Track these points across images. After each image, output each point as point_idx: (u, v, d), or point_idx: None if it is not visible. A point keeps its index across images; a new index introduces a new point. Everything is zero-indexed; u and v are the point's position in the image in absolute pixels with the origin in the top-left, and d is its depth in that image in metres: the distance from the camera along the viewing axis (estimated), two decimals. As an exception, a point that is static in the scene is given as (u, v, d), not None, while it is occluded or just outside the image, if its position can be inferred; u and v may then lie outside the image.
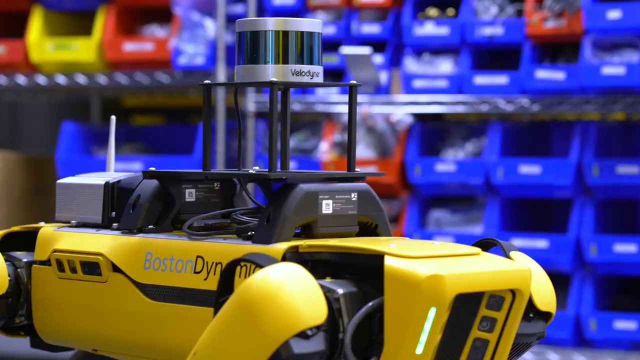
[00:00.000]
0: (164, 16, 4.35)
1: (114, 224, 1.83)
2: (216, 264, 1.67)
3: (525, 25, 3.79)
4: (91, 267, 1.81)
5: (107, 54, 4.29)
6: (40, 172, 4.55)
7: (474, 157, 3.94)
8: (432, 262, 1.53)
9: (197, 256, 1.69)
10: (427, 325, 1.50)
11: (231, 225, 1.78)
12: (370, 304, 1.54)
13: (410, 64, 4.00)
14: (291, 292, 1.49)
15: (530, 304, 1.68)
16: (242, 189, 1.84)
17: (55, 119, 5.37)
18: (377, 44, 4.09)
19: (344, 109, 4.01)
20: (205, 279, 1.67)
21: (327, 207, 1.67)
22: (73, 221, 1.88)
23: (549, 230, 3.96)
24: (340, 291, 1.55)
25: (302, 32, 1.72)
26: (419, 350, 1.51)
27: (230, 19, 4.26)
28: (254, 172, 1.71)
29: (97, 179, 1.88)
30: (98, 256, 1.79)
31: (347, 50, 4.00)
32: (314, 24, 1.74)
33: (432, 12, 4.03)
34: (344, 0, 4.12)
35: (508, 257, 1.70)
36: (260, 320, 1.49)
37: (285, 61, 1.71)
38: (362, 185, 1.71)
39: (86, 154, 4.39)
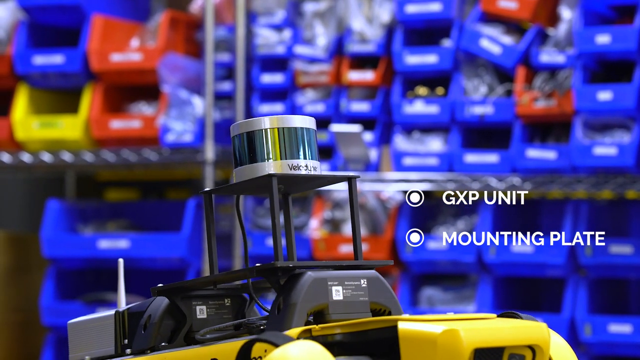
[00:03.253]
0: (151, 94, 4.34)
1: (127, 350, 1.79)
2: None
3: (516, 105, 3.82)
4: None
5: (94, 132, 4.26)
6: (23, 250, 4.49)
7: (465, 236, 3.93)
8: (447, 322, 1.53)
9: (212, 359, 1.66)
10: None
11: (244, 334, 1.76)
12: None
13: (400, 141, 4.01)
14: None
15: None
16: (253, 299, 1.82)
17: (29, 195, 5.32)
18: (367, 122, 4.10)
19: (334, 186, 4.00)
20: None
21: (337, 293, 1.65)
22: (87, 357, 1.85)
23: (540, 309, 3.96)
24: None
25: (296, 129, 1.72)
26: None
27: (219, 96, 4.26)
28: (259, 265, 1.68)
29: (108, 311, 1.85)
30: None
31: (336, 128, 4.01)
32: (307, 120, 1.75)
33: (422, 90, 4.05)
34: (333, 79, 4.14)
35: None
36: None
37: (283, 157, 1.71)
38: (371, 272, 1.70)
39: (71, 232, 4.34)
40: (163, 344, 1.75)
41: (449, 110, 3.94)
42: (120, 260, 1.94)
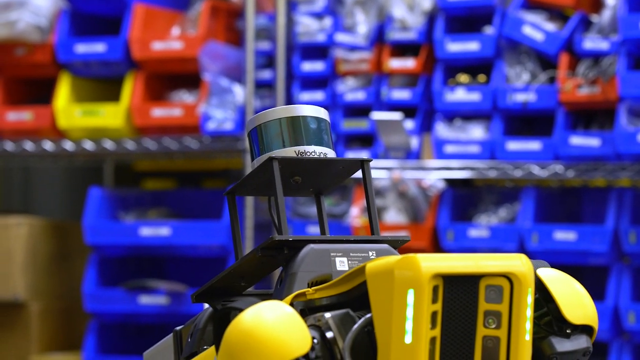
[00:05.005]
0: (192, 82, 4.36)
1: None
2: None
3: (559, 92, 3.79)
4: None
5: (135, 120, 4.29)
6: (65, 238, 4.52)
7: (507, 223, 3.93)
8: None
9: None
10: (410, 312, 1.45)
11: None
12: (360, 320, 1.50)
13: (442, 129, 4.00)
14: (269, 326, 1.46)
15: (563, 318, 1.62)
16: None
17: (69, 183, 5.36)
18: (408, 110, 4.09)
19: (375, 173, 4.00)
20: None
21: (341, 264, 1.64)
22: None
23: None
24: (328, 315, 1.52)
25: (303, 117, 1.74)
26: (408, 339, 1.45)
27: (259, 85, 4.27)
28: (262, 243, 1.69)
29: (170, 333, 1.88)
30: None
31: (377, 115, 4.00)
32: (316, 109, 1.76)
33: (463, 78, 4.04)
34: (374, 66, 4.13)
35: (535, 273, 1.62)
36: None
37: (288, 145, 1.72)
38: (382, 245, 1.68)
39: (113, 219, 4.37)
40: (205, 347, 1.75)
41: (491, 98, 3.92)
42: (207, 307, 1.96)
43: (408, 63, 4.08)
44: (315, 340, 1.50)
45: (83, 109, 4.34)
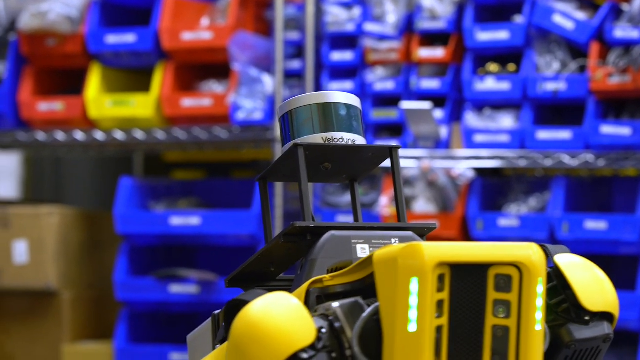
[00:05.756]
0: (222, 72, 4.37)
1: (217, 345, 1.80)
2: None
3: (589, 81, 3.78)
4: None
5: (165, 110, 4.31)
6: (96, 228, 4.56)
7: (537, 212, 3.92)
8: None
9: None
10: (414, 300, 1.44)
11: None
12: (369, 309, 1.50)
13: (471, 118, 3.99)
14: (272, 318, 1.46)
15: (581, 305, 1.60)
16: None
17: (99, 173, 5.39)
18: (437, 99, 4.09)
19: (404, 163, 4.00)
20: None
21: (362, 251, 1.63)
22: None
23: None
24: (335, 305, 1.51)
25: (332, 104, 1.74)
26: (412, 328, 1.44)
27: (288, 75, 4.28)
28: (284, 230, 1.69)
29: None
30: None
31: (406, 105, 4.00)
32: (349, 97, 1.76)
33: (493, 67, 4.03)
34: (403, 56, 4.13)
35: (552, 259, 1.61)
36: (250, 354, 1.45)
37: (317, 132, 1.72)
38: (406, 232, 1.66)
39: (143, 209, 4.40)
40: None
41: (521, 87, 3.92)
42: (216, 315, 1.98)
43: (437, 52, 4.07)
44: (323, 330, 1.49)
45: (113, 99, 4.37)
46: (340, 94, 1.77)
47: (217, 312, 1.83)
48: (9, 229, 4.36)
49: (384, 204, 4.08)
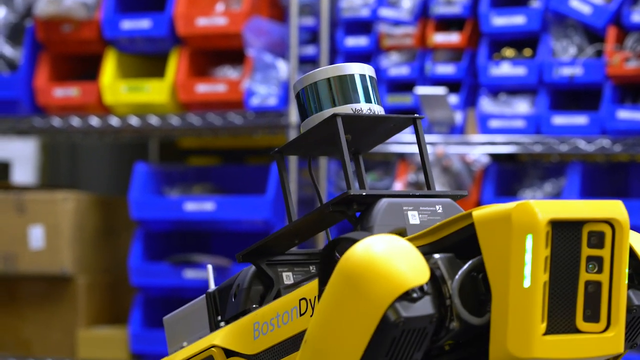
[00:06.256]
0: (236, 58, 4.37)
1: (222, 323, 1.82)
2: (318, 297, 1.65)
3: (606, 66, 3.75)
4: None
5: (180, 96, 4.31)
6: (111, 213, 4.57)
7: (552, 197, 3.90)
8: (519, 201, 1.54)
9: (300, 299, 1.68)
10: (528, 257, 1.48)
11: None
12: (469, 262, 1.52)
13: (486, 104, 3.97)
14: (390, 255, 1.48)
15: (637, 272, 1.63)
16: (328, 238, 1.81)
17: (114, 159, 5.41)
18: (452, 84, 4.07)
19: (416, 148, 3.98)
20: (312, 315, 1.65)
21: (413, 217, 1.65)
22: (185, 343, 1.87)
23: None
24: (437, 256, 1.54)
25: (352, 75, 1.74)
26: (527, 283, 1.47)
27: (303, 60, 4.27)
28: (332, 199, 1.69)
29: (198, 298, 1.88)
30: (210, 349, 1.77)
31: (421, 90, 3.99)
32: (365, 67, 1.76)
33: (508, 52, 4.00)
34: (418, 41, 4.12)
35: None
36: (363, 287, 1.47)
37: (342, 103, 1.72)
38: (446, 199, 1.70)
39: (158, 195, 4.41)
40: (254, 306, 1.77)
41: (537, 72, 3.89)
42: (209, 267, 1.96)
43: (452, 37, 4.05)
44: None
45: (128, 85, 4.38)
46: (356, 65, 1.77)
47: (210, 290, 1.83)
48: (24, 215, 4.38)
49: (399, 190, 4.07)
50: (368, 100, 1.73)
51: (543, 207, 1.49)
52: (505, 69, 3.93)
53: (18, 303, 4.39)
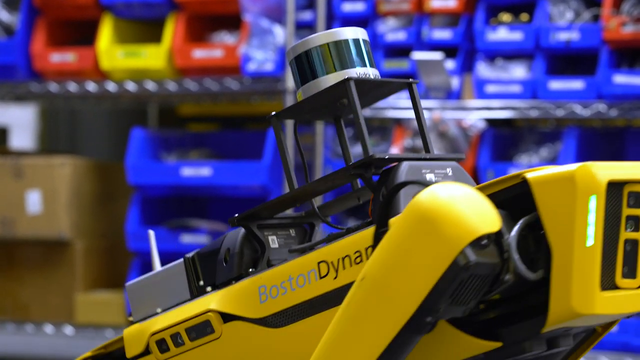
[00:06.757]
0: (233, 23, 4.36)
1: (208, 287, 1.79)
2: (342, 259, 1.65)
3: (603, 31, 3.74)
4: (199, 329, 1.76)
5: (177, 61, 4.30)
6: (109, 178, 4.58)
7: (548, 163, 3.90)
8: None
9: (319, 262, 1.67)
10: (592, 217, 1.53)
11: (350, 233, 1.72)
12: (522, 219, 1.55)
13: (483, 69, 3.97)
14: (465, 200, 1.51)
15: None
16: (324, 221, 1.80)
17: (113, 125, 5.41)
18: (449, 50, 4.06)
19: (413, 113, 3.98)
20: (335, 278, 1.66)
21: (430, 180, 1.67)
22: (158, 309, 1.84)
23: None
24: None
25: (353, 40, 1.74)
26: (590, 242, 1.53)
27: (300, 26, 4.26)
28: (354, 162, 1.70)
29: (170, 264, 1.84)
30: (206, 314, 1.75)
31: (418, 55, 3.98)
32: (359, 31, 1.77)
33: (505, 17, 3.99)
34: (415, 6, 4.10)
35: None
36: (439, 228, 1.49)
37: (345, 67, 1.72)
38: (452, 162, 1.73)
39: (156, 160, 4.41)
40: (251, 269, 1.75)
41: (534, 37, 3.88)
42: (151, 232, 1.94)
43: (449, 2, 4.04)
44: None
45: (125, 51, 4.37)
46: (350, 30, 1.77)
47: (189, 255, 1.82)
48: (22, 180, 4.39)
49: (395, 155, 4.07)
50: (366, 64, 1.73)
51: (601, 169, 1.54)
52: (502, 34, 3.92)
53: (16, 267, 4.42)
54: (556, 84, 3.84)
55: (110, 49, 4.38)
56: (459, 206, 1.50)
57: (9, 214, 4.37)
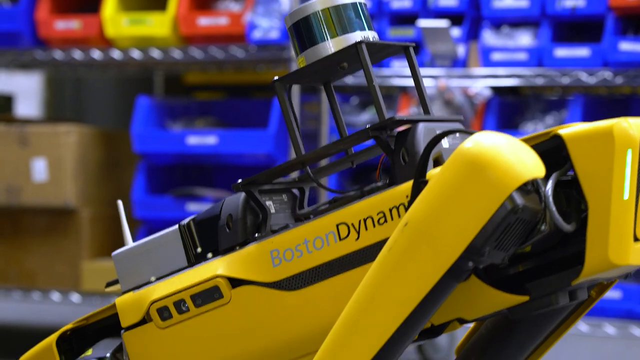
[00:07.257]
0: (238, -10, 4.34)
1: (209, 254, 1.78)
2: (364, 220, 1.64)
3: (609, -3, 3.72)
4: (206, 295, 1.74)
5: (182, 29, 4.29)
6: (114, 147, 4.59)
7: (554, 131, 3.89)
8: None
9: (337, 224, 1.66)
10: (628, 171, 1.55)
11: (369, 194, 1.72)
12: (556, 172, 1.57)
13: (489, 36, 3.95)
14: (510, 147, 1.52)
15: None
16: (315, 182, 1.79)
17: (119, 93, 5.41)
18: (454, 17, 4.04)
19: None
20: (357, 239, 1.65)
21: (444, 141, 1.68)
22: (152, 278, 1.80)
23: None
24: None
25: (352, 3, 1.73)
26: (626, 195, 1.55)
27: (305, -7, 4.24)
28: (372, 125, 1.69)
29: (162, 231, 1.82)
30: (215, 279, 1.73)
31: (424, 23, 3.96)
32: None
33: (511, -16, 3.97)
34: (421, -27, 4.08)
35: None
36: (485, 174, 1.51)
37: (346, 32, 1.72)
38: (457, 124, 1.73)
39: (161, 128, 4.41)
40: (256, 234, 1.73)
41: (540, 4, 3.86)
42: (119, 202, 1.90)
43: (455, -31, 4.02)
44: None
45: (130, 18, 4.36)
46: None
47: (184, 222, 1.80)
48: (28, 147, 4.40)
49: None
50: (365, 27, 1.73)
51: (635, 124, 1.56)
52: (507, 1, 3.90)
53: (22, 235, 4.43)
54: (562, 52, 3.82)
55: (115, 17, 4.37)
56: (505, 152, 1.51)
57: (14, 182, 4.38)
